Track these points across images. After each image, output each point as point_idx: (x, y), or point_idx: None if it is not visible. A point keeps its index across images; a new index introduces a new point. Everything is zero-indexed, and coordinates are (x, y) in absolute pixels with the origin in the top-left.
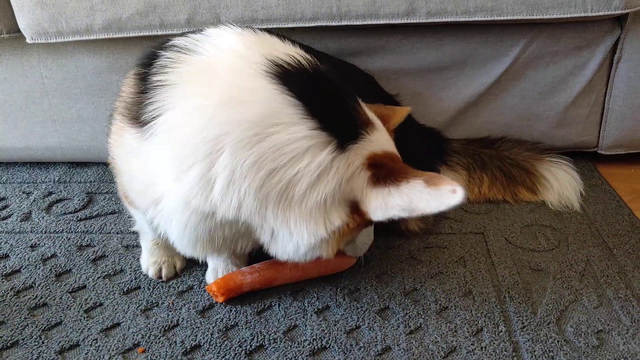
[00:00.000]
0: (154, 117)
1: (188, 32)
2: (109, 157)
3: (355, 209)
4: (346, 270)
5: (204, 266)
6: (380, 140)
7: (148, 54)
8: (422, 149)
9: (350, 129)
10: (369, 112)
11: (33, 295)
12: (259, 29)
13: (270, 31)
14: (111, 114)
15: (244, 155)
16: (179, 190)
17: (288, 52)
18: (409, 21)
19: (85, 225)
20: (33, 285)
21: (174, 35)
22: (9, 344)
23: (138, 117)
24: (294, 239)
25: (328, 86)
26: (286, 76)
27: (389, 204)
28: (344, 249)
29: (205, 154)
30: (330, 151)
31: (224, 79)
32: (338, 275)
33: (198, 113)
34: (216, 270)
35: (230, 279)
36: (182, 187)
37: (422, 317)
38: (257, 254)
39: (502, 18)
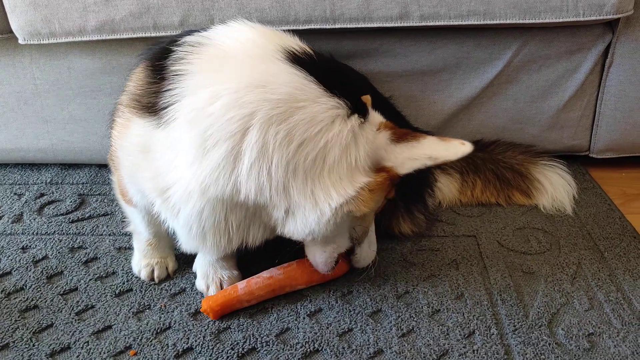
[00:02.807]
0: (171, 104)
1: (193, 31)
2: (109, 152)
3: (378, 168)
4: (339, 276)
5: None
6: (376, 114)
7: (160, 50)
8: None
9: (360, 102)
10: None
11: (24, 298)
12: None
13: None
14: (115, 107)
15: (274, 130)
16: (196, 173)
17: (297, 43)
18: (402, 24)
19: (77, 227)
20: (24, 287)
21: (168, 37)
22: None
23: (152, 105)
24: (320, 205)
25: (336, 69)
26: (301, 61)
27: (416, 154)
28: (353, 257)
29: (231, 132)
30: (357, 118)
31: (245, 63)
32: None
33: (222, 95)
34: (206, 275)
35: (221, 295)
36: (200, 169)
37: (415, 319)
38: (253, 264)
39: (495, 22)
